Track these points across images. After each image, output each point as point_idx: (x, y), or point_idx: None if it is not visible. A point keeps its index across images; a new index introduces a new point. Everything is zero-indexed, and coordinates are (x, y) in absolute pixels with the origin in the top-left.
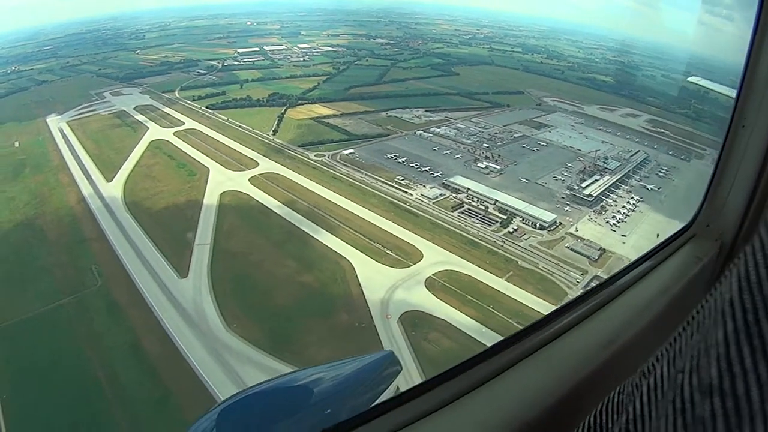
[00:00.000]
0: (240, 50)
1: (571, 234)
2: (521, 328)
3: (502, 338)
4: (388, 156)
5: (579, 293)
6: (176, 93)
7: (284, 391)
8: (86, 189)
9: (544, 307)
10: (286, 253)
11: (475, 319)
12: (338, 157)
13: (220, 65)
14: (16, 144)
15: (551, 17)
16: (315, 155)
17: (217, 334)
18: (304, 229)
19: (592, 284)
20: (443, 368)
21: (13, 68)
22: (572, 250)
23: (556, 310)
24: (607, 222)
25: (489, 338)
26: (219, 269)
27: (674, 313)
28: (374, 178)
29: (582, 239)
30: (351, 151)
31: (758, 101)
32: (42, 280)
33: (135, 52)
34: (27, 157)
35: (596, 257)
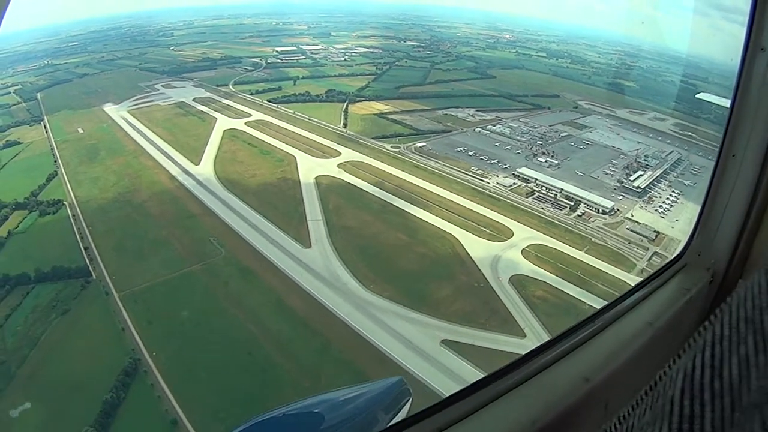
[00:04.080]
0: (278, 49)
1: (628, 218)
2: (501, 366)
3: (483, 375)
4: (458, 149)
5: (562, 330)
6: (230, 87)
7: (295, 417)
8: (174, 170)
9: (617, 272)
10: (394, 228)
11: (568, 281)
12: (413, 149)
13: (264, 63)
14: (80, 130)
15: (563, 21)
16: (391, 147)
17: (357, 294)
18: (403, 208)
19: (654, 258)
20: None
21: (46, 62)
22: (632, 231)
23: (538, 347)
24: (656, 210)
25: (582, 295)
26: (339, 240)
27: (657, 349)
28: (452, 167)
29: (638, 223)
30: (423, 144)
31: (748, 130)
32: (161, 251)
33: (170, 48)
34: (97, 142)
35: (653, 237)
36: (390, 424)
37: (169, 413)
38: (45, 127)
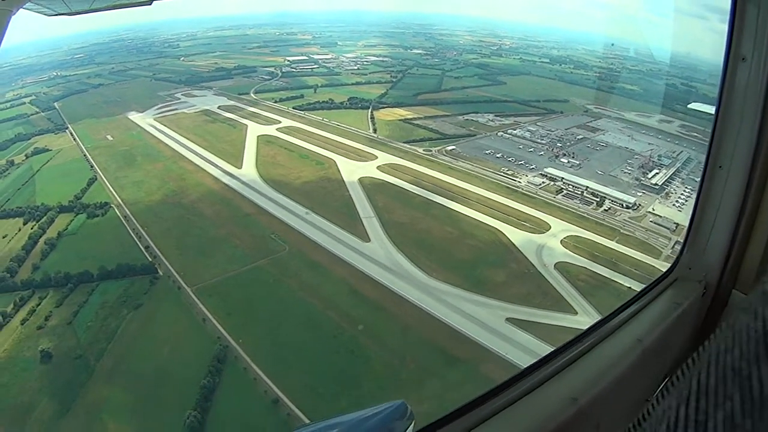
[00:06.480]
0: (289, 58)
1: (650, 212)
2: (488, 390)
3: (471, 399)
4: (486, 152)
5: (550, 350)
6: (252, 95)
7: None
8: (216, 173)
9: (647, 258)
10: (442, 222)
11: (605, 267)
12: (443, 152)
13: (279, 72)
14: (109, 137)
15: (558, 26)
16: (423, 150)
17: (423, 281)
18: (446, 205)
19: (677, 246)
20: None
21: (55, 74)
22: (655, 223)
23: (526, 369)
24: (674, 204)
25: (618, 277)
26: (395, 235)
27: (648, 366)
28: (484, 168)
29: (660, 216)
30: (453, 147)
31: (733, 141)
32: (224, 248)
33: (180, 59)
34: (130, 148)
35: (674, 228)
36: None
37: (268, 394)
38: (72, 135)
